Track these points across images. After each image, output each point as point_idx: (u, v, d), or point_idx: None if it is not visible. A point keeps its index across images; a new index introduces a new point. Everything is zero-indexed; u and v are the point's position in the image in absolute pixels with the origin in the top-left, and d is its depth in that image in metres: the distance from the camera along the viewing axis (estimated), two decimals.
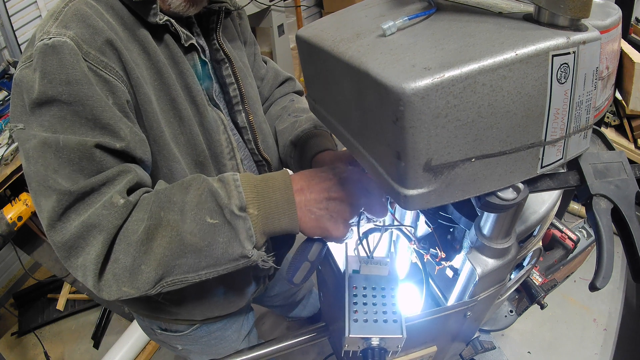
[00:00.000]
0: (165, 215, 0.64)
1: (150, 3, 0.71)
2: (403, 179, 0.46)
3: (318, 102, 0.68)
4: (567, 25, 0.44)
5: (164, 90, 0.76)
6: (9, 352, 2.10)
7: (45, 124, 0.64)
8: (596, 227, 0.51)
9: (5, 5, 1.97)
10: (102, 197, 0.64)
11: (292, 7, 3.41)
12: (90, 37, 0.66)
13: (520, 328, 1.62)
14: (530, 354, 1.57)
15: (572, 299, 1.73)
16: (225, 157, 0.86)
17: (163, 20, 0.73)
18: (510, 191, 0.48)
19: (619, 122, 1.97)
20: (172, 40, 0.77)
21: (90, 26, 0.67)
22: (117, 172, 0.66)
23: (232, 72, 0.90)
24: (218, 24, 0.87)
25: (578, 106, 0.46)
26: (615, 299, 1.70)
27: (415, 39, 0.48)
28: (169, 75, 0.76)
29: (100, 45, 0.67)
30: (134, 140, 0.68)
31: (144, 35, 0.74)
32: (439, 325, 0.68)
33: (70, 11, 0.67)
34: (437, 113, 0.41)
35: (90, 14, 0.68)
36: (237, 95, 0.92)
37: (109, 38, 0.68)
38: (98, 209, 0.63)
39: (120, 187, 0.65)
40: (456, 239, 0.71)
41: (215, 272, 0.66)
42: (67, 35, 0.64)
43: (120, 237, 0.64)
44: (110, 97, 0.67)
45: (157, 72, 0.75)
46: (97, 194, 0.65)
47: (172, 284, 0.65)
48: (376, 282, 0.68)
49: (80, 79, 0.64)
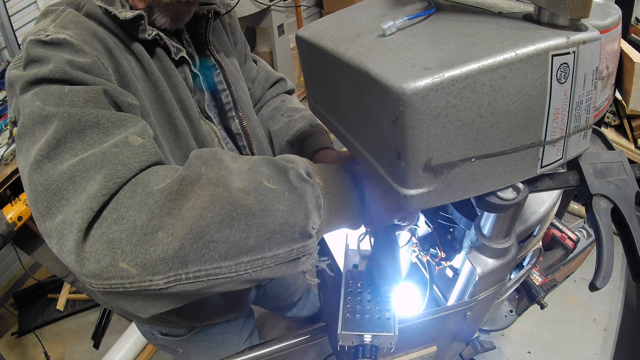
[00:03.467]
0: (207, 171, 0.47)
1: (138, 20, 0.70)
2: (403, 179, 0.46)
3: (318, 102, 0.68)
4: (567, 25, 0.44)
5: (160, 103, 0.76)
6: (9, 352, 2.10)
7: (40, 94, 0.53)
8: (596, 227, 0.51)
9: (5, 5, 1.97)
10: (110, 138, 0.50)
11: (292, 7, 3.41)
12: (90, 39, 0.65)
13: (520, 328, 1.62)
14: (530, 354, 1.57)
15: (572, 299, 1.73)
16: None
17: (152, 35, 0.73)
18: (510, 191, 0.48)
19: (619, 122, 1.97)
20: (163, 53, 0.77)
21: (89, 30, 0.66)
22: (131, 117, 0.54)
23: (223, 78, 0.89)
24: (207, 29, 0.85)
25: (578, 106, 0.46)
26: (615, 299, 1.70)
27: (415, 39, 0.48)
28: (164, 89, 0.76)
29: (102, 50, 0.66)
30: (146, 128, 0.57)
31: (138, 48, 0.73)
32: (439, 325, 0.68)
33: (69, 17, 0.67)
34: (437, 113, 0.41)
35: (88, 21, 0.67)
36: (229, 102, 0.91)
37: (108, 45, 0.67)
38: (105, 147, 0.48)
39: (138, 128, 0.52)
40: (456, 239, 0.71)
41: (262, 260, 0.48)
42: (66, 34, 0.62)
43: (134, 182, 0.46)
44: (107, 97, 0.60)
45: (153, 84, 0.75)
46: (104, 132, 0.50)
47: (195, 278, 0.45)
48: (373, 278, 0.68)
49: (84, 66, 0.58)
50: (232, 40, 1.00)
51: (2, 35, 2.05)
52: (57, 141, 0.48)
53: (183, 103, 0.79)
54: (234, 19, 1.02)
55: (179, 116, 0.77)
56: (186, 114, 0.79)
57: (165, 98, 0.75)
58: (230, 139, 0.93)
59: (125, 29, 0.72)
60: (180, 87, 0.78)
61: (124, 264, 0.42)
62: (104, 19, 0.71)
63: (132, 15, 0.69)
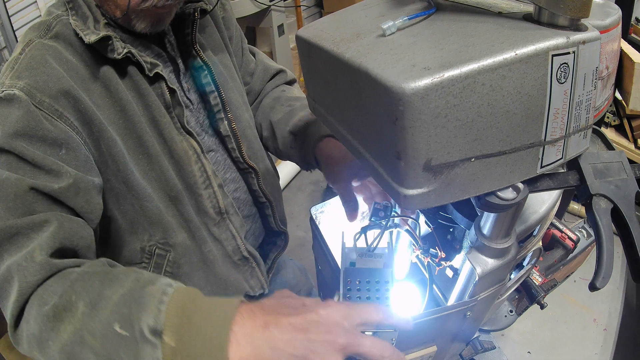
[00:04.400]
0: (76, 303, 0.55)
1: (105, 40, 0.69)
2: (403, 179, 0.46)
3: (318, 102, 0.68)
4: (567, 25, 0.44)
5: (129, 128, 0.75)
6: (9, 352, 2.10)
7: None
8: (596, 227, 0.51)
9: (5, 5, 1.97)
10: (29, 242, 0.61)
11: (292, 7, 3.41)
12: (44, 85, 0.66)
13: (520, 328, 1.62)
14: (530, 354, 1.57)
15: (572, 299, 1.73)
16: (200, 187, 0.84)
17: (122, 54, 0.71)
18: (510, 191, 0.48)
19: (619, 122, 1.97)
20: (136, 70, 0.75)
21: (44, 73, 0.66)
22: (44, 219, 0.62)
23: (211, 79, 0.86)
24: (194, 29, 0.83)
25: (578, 106, 0.46)
26: (615, 299, 1.70)
27: (415, 39, 0.48)
28: (134, 112, 0.74)
29: (55, 93, 0.67)
30: (75, 189, 0.66)
31: (105, 72, 0.72)
32: (439, 325, 0.68)
33: (26, 59, 0.67)
34: (436, 113, 0.41)
35: (45, 61, 0.67)
36: (218, 104, 0.88)
37: (64, 87, 0.67)
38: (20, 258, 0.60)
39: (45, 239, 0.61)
40: (456, 239, 0.71)
41: None
42: (17, 87, 0.64)
43: (33, 299, 0.58)
44: (64, 147, 0.67)
45: (121, 110, 0.73)
46: (25, 238, 0.61)
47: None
48: (371, 276, 0.67)
49: (28, 131, 0.64)
50: (226, 36, 0.97)
51: (2, 35, 2.05)
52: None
53: (156, 123, 0.78)
54: (229, 12, 0.99)
55: (149, 138, 0.76)
56: (159, 134, 0.78)
57: (135, 122, 0.75)
58: (220, 142, 0.92)
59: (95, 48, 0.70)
60: (154, 105, 0.77)
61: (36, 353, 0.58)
62: (73, 40, 0.70)
63: (96, 39, 0.68)
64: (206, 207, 0.86)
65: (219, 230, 0.90)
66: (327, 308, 0.50)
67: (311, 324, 0.49)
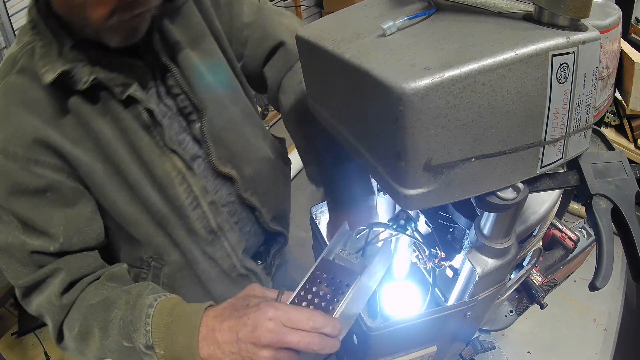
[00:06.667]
0: (92, 330, 0.71)
1: (66, 74, 0.65)
2: (403, 179, 0.46)
3: (318, 102, 0.68)
4: (567, 25, 0.44)
5: (106, 157, 0.73)
6: (9, 352, 2.10)
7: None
8: (596, 227, 0.51)
9: (5, 5, 1.97)
10: (48, 287, 0.73)
11: (292, 7, 3.41)
12: (12, 137, 0.67)
13: (520, 328, 1.62)
14: (530, 354, 1.57)
15: (572, 299, 1.72)
16: (187, 209, 0.81)
17: (88, 83, 0.66)
18: (510, 191, 0.48)
19: (619, 122, 1.97)
20: (108, 94, 0.70)
21: (12, 126, 0.67)
22: (54, 269, 0.73)
23: (176, 82, 0.78)
24: (152, 31, 0.74)
25: (578, 106, 0.46)
26: (615, 299, 1.69)
27: (415, 39, 0.48)
28: (109, 141, 0.72)
29: (26, 142, 0.67)
30: (69, 235, 0.72)
31: (74, 103, 0.69)
32: (439, 325, 0.68)
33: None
34: (437, 113, 0.41)
35: (9, 112, 0.67)
36: (187, 106, 0.80)
37: (34, 135, 0.67)
38: (44, 301, 0.73)
39: (57, 285, 0.72)
40: (456, 239, 0.71)
41: None
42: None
43: (64, 327, 0.74)
44: (48, 190, 0.70)
45: (96, 140, 0.71)
46: (44, 285, 0.74)
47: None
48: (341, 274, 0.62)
49: (11, 189, 0.68)
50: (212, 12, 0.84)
51: (2, 35, 2.05)
52: (21, 296, 0.77)
53: (134, 147, 0.74)
54: None
55: (127, 166, 0.74)
56: (138, 159, 0.75)
57: (111, 150, 0.72)
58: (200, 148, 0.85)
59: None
60: (130, 129, 0.73)
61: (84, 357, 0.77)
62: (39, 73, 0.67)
63: (53, 78, 0.64)
64: (196, 228, 0.83)
65: (213, 249, 0.88)
66: (257, 311, 0.57)
67: (241, 325, 0.57)
